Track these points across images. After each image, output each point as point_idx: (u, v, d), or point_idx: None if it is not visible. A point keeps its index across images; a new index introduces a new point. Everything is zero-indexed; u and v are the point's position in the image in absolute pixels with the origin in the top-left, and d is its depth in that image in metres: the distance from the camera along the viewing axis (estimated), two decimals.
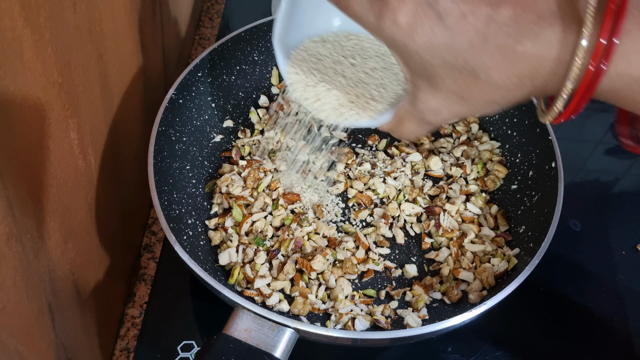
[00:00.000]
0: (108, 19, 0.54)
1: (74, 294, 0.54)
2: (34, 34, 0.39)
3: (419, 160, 0.75)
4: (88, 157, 0.54)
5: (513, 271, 0.63)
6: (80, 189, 0.53)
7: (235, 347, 0.50)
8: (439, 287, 0.65)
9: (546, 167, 0.68)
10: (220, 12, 1.05)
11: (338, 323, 0.61)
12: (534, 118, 0.72)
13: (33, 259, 0.44)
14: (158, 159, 0.64)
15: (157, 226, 0.77)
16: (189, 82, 0.72)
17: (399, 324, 0.62)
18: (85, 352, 0.59)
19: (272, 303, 0.62)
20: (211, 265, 0.65)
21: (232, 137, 0.78)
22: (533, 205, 0.68)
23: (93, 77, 0.53)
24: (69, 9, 0.45)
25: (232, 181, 0.71)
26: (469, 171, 0.75)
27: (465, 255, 0.67)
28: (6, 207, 0.38)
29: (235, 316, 0.53)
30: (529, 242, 0.65)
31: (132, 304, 0.70)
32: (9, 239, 0.39)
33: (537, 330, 0.68)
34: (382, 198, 0.72)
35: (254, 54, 0.81)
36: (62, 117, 0.46)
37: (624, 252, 0.76)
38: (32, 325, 0.46)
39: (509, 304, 0.57)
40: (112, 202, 0.62)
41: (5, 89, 0.37)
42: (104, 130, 0.58)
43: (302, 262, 0.64)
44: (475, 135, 0.80)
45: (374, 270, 0.67)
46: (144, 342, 0.64)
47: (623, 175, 0.85)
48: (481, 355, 0.66)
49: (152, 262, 0.74)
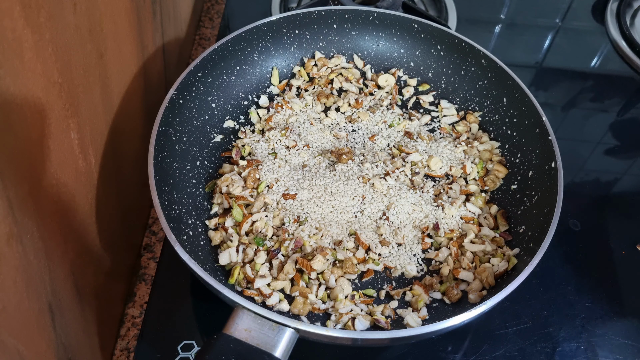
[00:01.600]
0: (108, 19, 0.54)
1: (74, 294, 0.54)
2: (35, 34, 0.39)
3: (419, 160, 0.75)
4: (88, 157, 0.54)
5: (513, 271, 0.63)
6: (81, 189, 0.53)
7: (236, 347, 0.50)
8: (439, 287, 0.65)
9: (546, 167, 0.68)
10: (220, 12, 1.05)
11: (338, 323, 0.61)
12: (533, 118, 0.73)
13: (33, 259, 0.44)
14: (158, 159, 0.64)
15: (158, 226, 0.77)
16: (189, 82, 0.72)
17: (399, 324, 0.62)
18: (85, 352, 0.59)
19: (272, 303, 0.62)
20: (211, 265, 0.65)
21: (232, 137, 0.78)
22: (533, 205, 0.68)
23: (93, 77, 0.53)
24: (70, 9, 0.45)
25: (232, 181, 0.71)
26: (469, 171, 0.75)
27: (465, 255, 0.67)
28: (6, 207, 0.38)
29: (235, 316, 0.53)
30: (529, 242, 0.65)
31: (132, 304, 0.70)
32: (9, 239, 0.39)
33: (537, 331, 0.68)
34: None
35: (254, 54, 0.81)
36: (62, 117, 0.46)
37: (624, 252, 0.76)
38: (32, 325, 0.46)
39: (509, 304, 0.57)
40: (112, 202, 0.62)
41: (6, 89, 0.37)
42: (104, 130, 0.58)
43: (302, 262, 0.64)
44: (475, 135, 0.80)
45: (374, 270, 0.67)
46: (144, 342, 0.64)
47: (623, 175, 0.86)
48: (481, 355, 0.66)
49: (153, 262, 0.74)
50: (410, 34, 0.84)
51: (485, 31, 1.06)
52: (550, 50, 1.03)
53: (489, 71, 0.79)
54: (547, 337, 0.68)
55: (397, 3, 0.92)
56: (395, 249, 0.68)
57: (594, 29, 1.07)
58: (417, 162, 0.75)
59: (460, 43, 0.81)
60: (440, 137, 0.80)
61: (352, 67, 0.87)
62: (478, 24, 1.07)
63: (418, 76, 0.86)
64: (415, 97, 0.84)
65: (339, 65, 0.86)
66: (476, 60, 0.80)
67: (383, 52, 0.87)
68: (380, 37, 0.86)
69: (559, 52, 1.03)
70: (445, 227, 0.70)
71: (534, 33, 1.06)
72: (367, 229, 0.69)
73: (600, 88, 0.97)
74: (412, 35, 0.84)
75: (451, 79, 0.84)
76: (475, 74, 0.81)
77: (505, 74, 0.77)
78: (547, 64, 1.01)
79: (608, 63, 1.01)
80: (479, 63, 0.80)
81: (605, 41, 1.04)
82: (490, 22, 1.08)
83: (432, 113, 0.83)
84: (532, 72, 0.99)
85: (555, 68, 1.00)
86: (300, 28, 0.83)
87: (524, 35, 1.05)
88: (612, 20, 1.05)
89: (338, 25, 0.85)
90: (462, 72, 0.82)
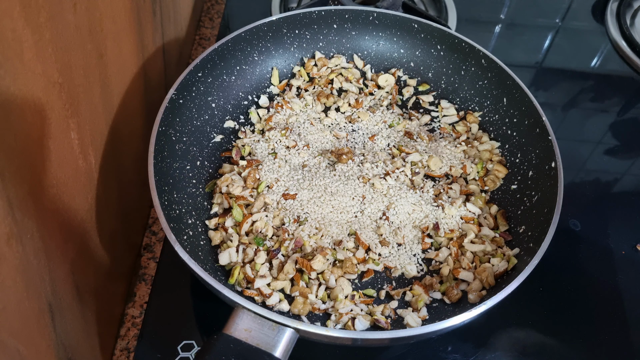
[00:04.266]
0: (108, 19, 0.54)
1: (74, 294, 0.54)
2: (35, 34, 0.39)
3: (419, 160, 0.75)
4: (88, 157, 0.54)
5: (513, 271, 0.63)
6: (81, 189, 0.53)
7: (236, 347, 0.50)
8: (439, 287, 0.65)
9: (546, 167, 0.68)
10: (220, 12, 1.05)
11: (338, 323, 0.61)
12: (533, 118, 0.73)
13: (33, 259, 0.44)
14: (158, 159, 0.64)
15: (158, 226, 0.77)
16: (189, 82, 0.72)
17: (399, 324, 0.62)
18: (85, 352, 0.59)
19: (272, 303, 0.62)
20: (211, 265, 0.65)
21: (232, 137, 0.78)
22: (533, 205, 0.68)
23: (93, 77, 0.53)
24: (69, 9, 0.45)
25: (232, 181, 0.71)
26: (469, 171, 0.75)
27: (465, 255, 0.67)
28: (7, 207, 0.38)
29: (235, 316, 0.53)
30: (528, 242, 0.65)
31: (132, 304, 0.70)
32: (9, 239, 0.39)
33: (537, 330, 0.68)
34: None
35: (254, 54, 0.81)
36: (62, 117, 0.46)
37: (624, 252, 0.76)
38: (32, 325, 0.46)
39: (509, 304, 0.57)
40: (112, 202, 0.62)
41: (6, 89, 0.37)
42: (104, 130, 0.58)
43: (302, 262, 0.64)
44: (475, 135, 0.80)
45: (374, 270, 0.67)
46: (144, 342, 0.64)
47: (623, 175, 0.86)
48: (481, 355, 0.66)
49: (153, 262, 0.74)
50: (410, 34, 0.84)
51: (485, 31, 1.06)
52: (550, 50, 1.03)
53: (489, 71, 0.79)
54: (547, 337, 0.68)
55: (397, 3, 0.92)
56: (395, 249, 0.68)
57: (594, 29, 1.07)
58: (417, 162, 0.75)
59: (460, 43, 0.81)
60: (440, 137, 0.80)
61: (352, 67, 0.87)
62: (478, 24, 1.07)
63: (418, 76, 0.86)
64: (415, 97, 0.84)
65: (339, 65, 0.86)
66: (476, 60, 0.80)
67: (383, 52, 0.87)
68: (380, 37, 0.86)
69: (559, 52, 1.03)
70: (445, 227, 0.70)
71: (534, 33, 1.06)
72: (367, 229, 0.69)
73: (600, 88, 0.97)
74: (412, 35, 0.84)
75: (451, 79, 0.84)
76: (475, 74, 0.81)
77: (505, 74, 0.77)
78: (547, 64, 1.01)
79: (608, 63, 1.01)
80: (479, 63, 0.80)
81: (605, 41, 1.04)
82: (490, 22, 1.08)
83: (432, 113, 0.83)
84: (532, 72, 0.99)
85: (555, 68, 1.00)
86: (300, 28, 0.83)
87: (524, 35, 1.05)
88: (612, 20, 1.05)
89: (338, 25, 0.85)
90: (462, 72, 0.82)
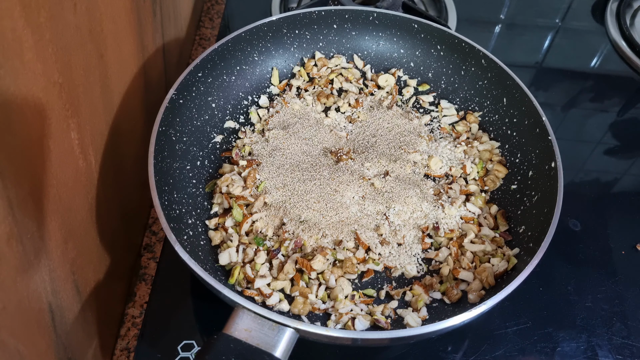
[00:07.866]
0: (108, 19, 0.54)
1: (74, 294, 0.54)
2: (35, 34, 0.39)
3: (419, 160, 0.75)
4: (88, 157, 0.54)
5: (513, 271, 0.63)
6: (81, 189, 0.53)
7: (236, 346, 0.50)
8: (439, 287, 0.65)
9: (546, 167, 0.68)
10: (220, 13, 1.05)
11: (338, 323, 0.61)
12: (533, 118, 0.73)
13: (33, 259, 0.44)
14: (158, 159, 0.64)
15: (158, 226, 0.77)
16: (189, 82, 0.72)
17: (399, 324, 0.62)
18: (85, 352, 0.59)
19: (272, 303, 0.62)
20: (211, 265, 0.65)
21: (232, 137, 0.78)
22: (533, 205, 0.68)
23: (93, 77, 0.53)
24: (70, 9, 0.45)
25: (232, 181, 0.71)
26: (469, 171, 0.75)
27: (465, 255, 0.67)
28: (7, 207, 0.38)
29: (235, 316, 0.53)
30: (528, 242, 0.65)
31: (132, 304, 0.70)
32: (9, 239, 0.39)
33: (537, 330, 0.68)
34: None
35: (254, 54, 0.81)
36: (62, 117, 0.46)
37: (624, 252, 0.76)
38: (32, 325, 0.46)
39: (509, 304, 0.57)
40: (112, 202, 0.62)
41: (6, 89, 0.37)
42: (105, 130, 0.58)
43: (302, 262, 0.64)
44: (475, 135, 0.80)
45: (374, 270, 0.67)
46: (144, 341, 0.64)
47: (623, 175, 0.86)
48: (481, 355, 0.66)
49: (153, 262, 0.74)
50: (410, 34, 0.84)
51: (485, 31, 1.06)
52: (550, 50, 1.03)
53: (489, 71, 0.79)
54: (547, 337, 0.68)
55: (397, 3, 0.92)
56: (395, 249, 0.68)
57: (594, 29, 1.07)
58: (417, 162, 0.76)
59: (460, 43, 0.81)
60: (440, 137, 0.80)
61: (352, 67, 0.87)
62: (478, 24, 1.07)
63: (418, 76, 0.86)
64: (415, 97, 0.84)
65: (339, 65, 0.86)
66: (476, 60, 0.80)
67: (383, 52, 0.87)
68: (380, 37, 0.86)
69: (559, 52, 1.03)
70: (445, 227, 0.70)
71: (534, 33, 1.06)
72: (367, 228, 0.69)
73: (600, 88, 0.97)
74: (412, 35, 0.85)
75: (451, 79, 0.84)
76: (475, 74, 0.81)
77: (505, 74, 0.77)
78: (547, 64, 1.01)
79: (608, 63, 1.01)
80: (479, 63, 0.80)
81: (605, 41, 1.04)
82: (490, 22, 1.08)
83: (432, 113, 0.83)
84: (532, 72, 0.99)
85: (555, 68, 1.00)
86: (300, 28, 0.83)
87: (524, 35, 1.05)
88: (612, 20, 1.05)
89: (338, 25, 0.85)
90: (462, 72, 0.82)
